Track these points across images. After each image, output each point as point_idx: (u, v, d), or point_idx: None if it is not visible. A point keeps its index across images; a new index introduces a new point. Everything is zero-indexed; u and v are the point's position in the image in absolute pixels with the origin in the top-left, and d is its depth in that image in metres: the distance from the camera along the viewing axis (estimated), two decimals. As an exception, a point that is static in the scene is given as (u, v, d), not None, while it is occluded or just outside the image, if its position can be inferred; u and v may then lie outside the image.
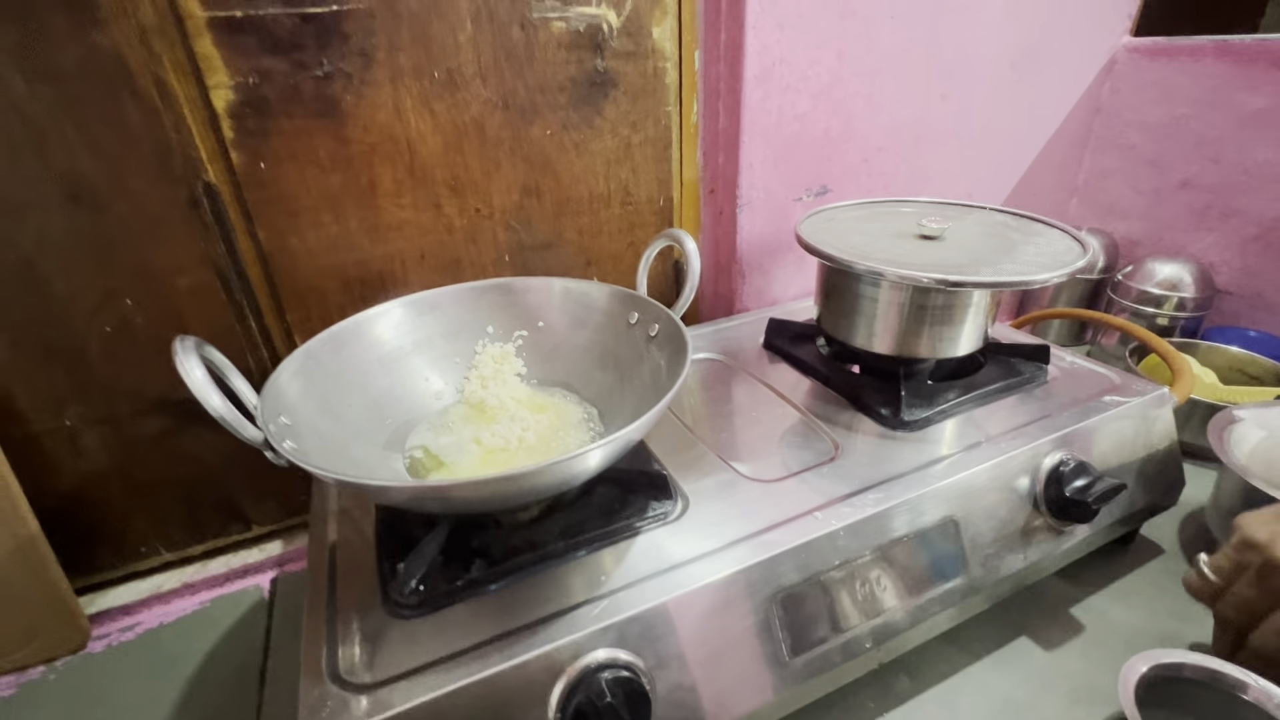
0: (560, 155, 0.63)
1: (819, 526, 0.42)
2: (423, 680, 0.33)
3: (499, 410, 0.49)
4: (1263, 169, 0.77)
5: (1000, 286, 0.49)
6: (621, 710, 0.33)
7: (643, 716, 0.35)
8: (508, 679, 0.34)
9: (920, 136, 0.79)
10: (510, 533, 0.43)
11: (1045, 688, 0.47)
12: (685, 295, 0.50)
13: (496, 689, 0.34)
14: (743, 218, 0.71)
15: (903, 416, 0.52)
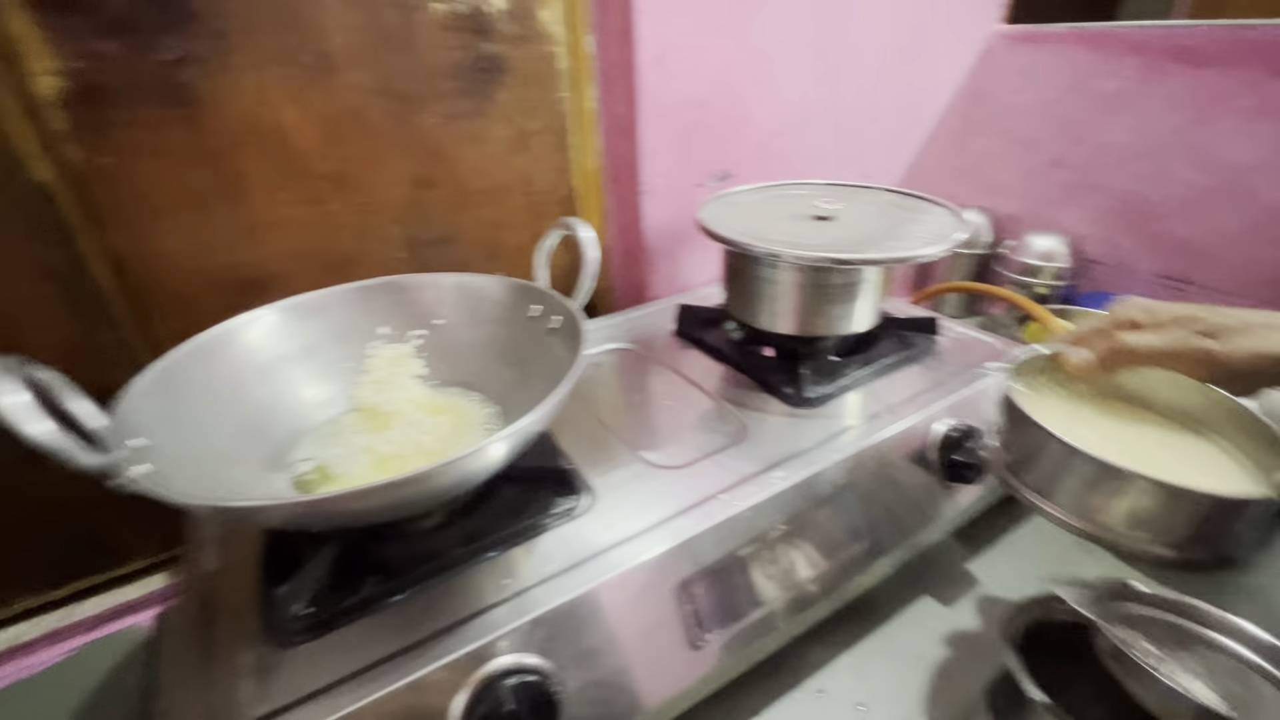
0: (452, 145, 0.60)
1: (725, 509, 0.42)
2: (313, 708, 0.31)
3: (394, 415, 0.47)
4: (1118, 147, 0.84)
5: (888, 263, 0.51)
6: (526, 717, 0.32)
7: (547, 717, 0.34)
8: (404, 698, 0.32)
9: (815, 121, 0.81)
10: (411, 543, 0.41)
11: (947, 642, 0.49)
12: (584, 285, 0.49)
13: (392, 709, 0.32)
14: (646, 205, 0.71)
15: (805, 394, 0.53)
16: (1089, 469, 0.31)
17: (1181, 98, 0.76)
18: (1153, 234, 0.84)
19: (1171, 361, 0.36)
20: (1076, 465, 0.32)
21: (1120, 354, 0.37)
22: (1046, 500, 0.34)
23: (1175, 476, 0.30)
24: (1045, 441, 0.33)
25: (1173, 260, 0.83)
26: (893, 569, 0.51)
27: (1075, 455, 0.32)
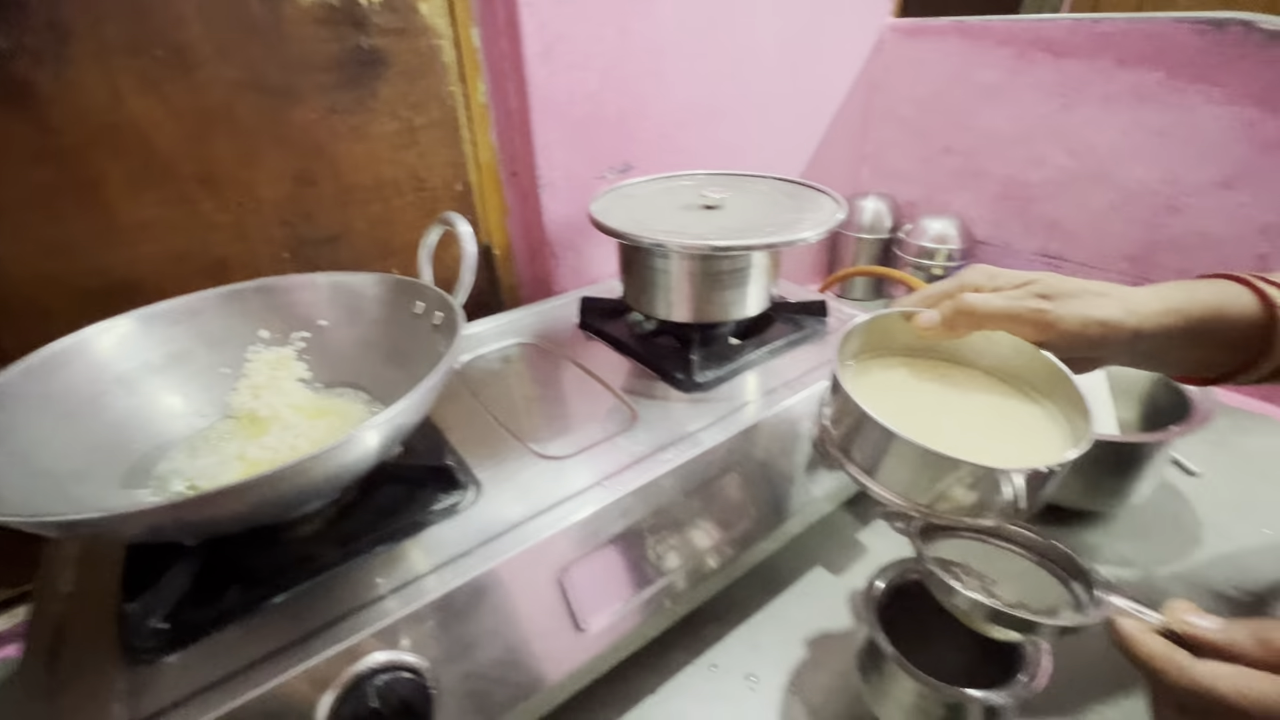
0: (334, 141, 0.58)
1: (608, 494, 0.43)
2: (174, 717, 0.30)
3: (272, 421, 0.46)
4: (999, 134, 0.89)
5: (766, 247, 0.53)
6: (392, 715, 0.32)
7: (420, 713, 0.34)
8: (264, 704, 0.31)
9: (715, 112, 0.82)
10: (283, 549, 0.40)
11: (835, 610, 0.52)
12: (464, 279, 0.48)
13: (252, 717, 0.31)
14: (546, 199, 0.71)
15: (695, 378, 0.54)
16: (906, 450, 0.31)
17: (1048, 87, 0.82)
18: (1031, 215, 0.89)
19: (1009, 323, 0.37)
20: (894, 447, 0.32)
21: (962, 315, 0.37)
22: (871, 479, 0.34)
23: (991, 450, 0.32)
24: (865, 420, 0.33)
25: (1049, 239, 0.89)
26: (784, 542, 0.53)
27: (893, 438, 0.31)
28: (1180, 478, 0.65)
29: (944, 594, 0.32)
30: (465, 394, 0.56)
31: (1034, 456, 0.32)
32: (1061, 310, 0.36)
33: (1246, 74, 0.67)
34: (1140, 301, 0.36)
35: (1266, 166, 0.68)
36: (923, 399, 0.39)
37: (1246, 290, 0.36)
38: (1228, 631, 0.24)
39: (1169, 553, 0.57)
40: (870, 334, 0.41)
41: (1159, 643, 0.25)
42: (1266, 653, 0.23)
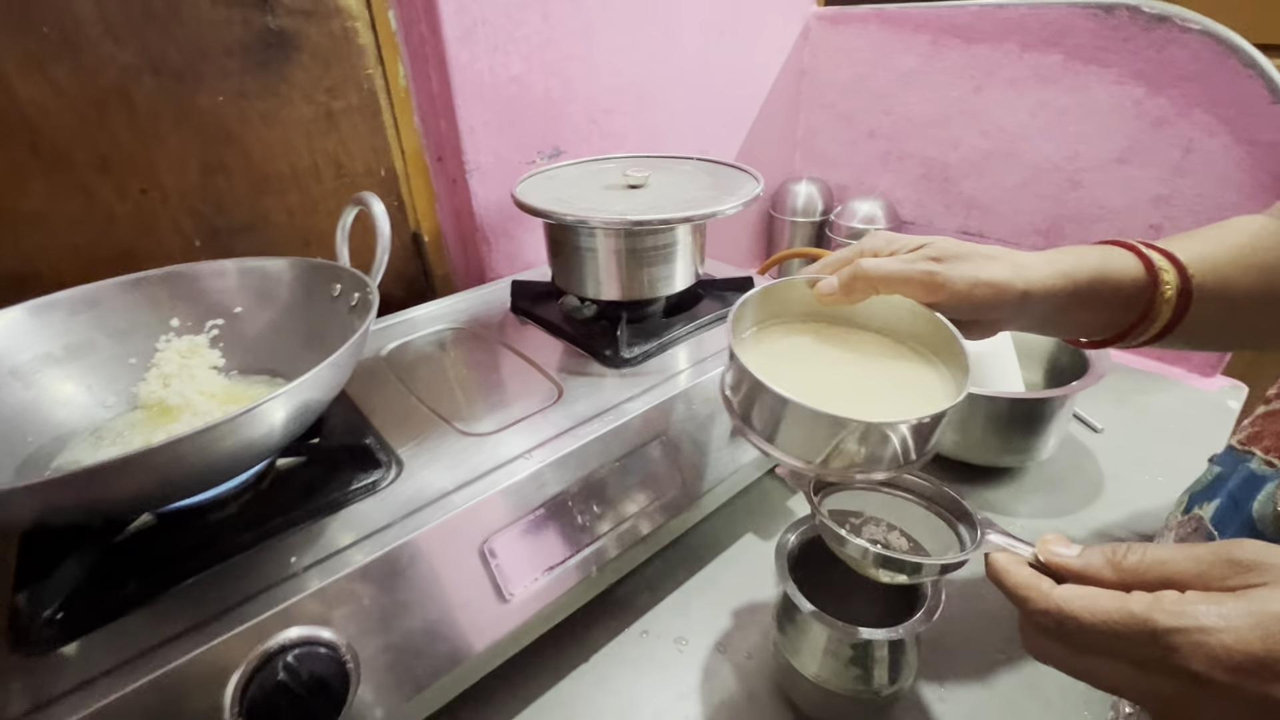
0: (244, 126, 0.57)
1: (529, 465, 0.43)
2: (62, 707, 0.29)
3: (182, 409, 0.44)
4: (918, 117, 0.93)
5: (685, 221, 0.54)
6: (299, 689, 0.32)
7: (335, 689, 0.33)
8: (164, 687, 0.31)
9: (645, 97, 0.83)
10: (192, 534, 0.39)
11: (763, 574, 0.53)
12: (379, 259, 0.48)
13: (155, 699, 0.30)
14: (475, 184, 0.71)
15: (622, 354, 0.55)
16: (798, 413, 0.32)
17: (960, 70, 0.85)
18: (951, 194, 0.93)
19: (902, 285, 0.38)
20: (788, 411, 0.33)
21: (859, 279, 0.38)
22: (770, 444, 0.35)
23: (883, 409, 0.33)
24: (759, 387, 0.33)
25: (968, 217, 0.93)
26: (713, 509, 0.55)
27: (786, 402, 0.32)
28: (1085, 433, 0.69)
29: (836, 543, 0.34)
30: (392, 379, 0.55)
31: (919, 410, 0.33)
32: (951, 272, 0.37)
33: (1133, 55, 0.71)
34: (1029, 265, 0.38)
35: (1154, 142, 0.73)
36: (819, 363, 0.40)
37: (1131, 255, 0.38)
38: (1084, 558, 0.26)
39: (1075, 503, 0.61)
40: (770, 302, 0.42)
41: (1026, 572, 0.27)
42: (1116, 573, 0.25)
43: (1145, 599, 0.23)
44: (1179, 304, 0.37)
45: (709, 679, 0.45)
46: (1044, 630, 0.26)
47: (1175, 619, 0.22)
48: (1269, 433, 0.33)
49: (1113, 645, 0.23)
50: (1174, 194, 0.73)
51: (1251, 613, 0.21)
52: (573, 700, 0.44)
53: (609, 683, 0.45)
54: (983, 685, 0.44)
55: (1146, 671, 0.23)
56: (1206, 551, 0.23)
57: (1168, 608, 0.22)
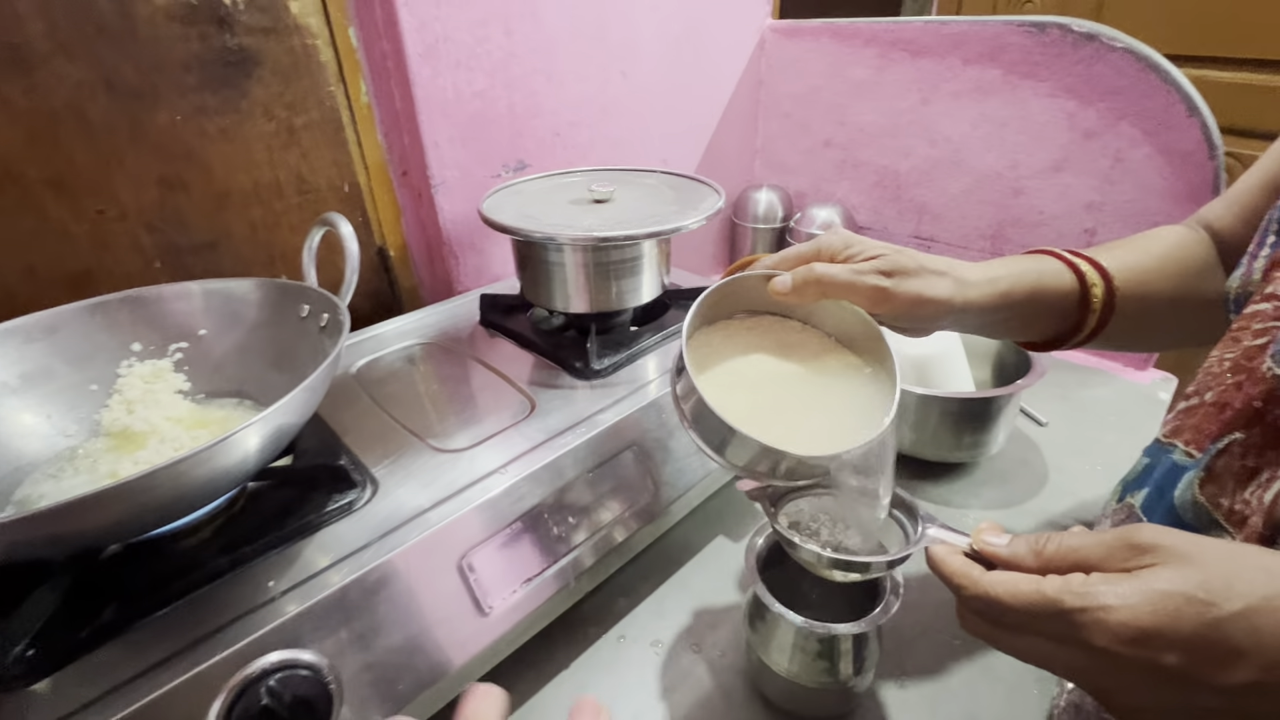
0: (203, 143, 0.56)
1: (505, 480, 0.44)
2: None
3: (149, 435, 0.44)
4: (871, 127, 0.97)
5: (650, 236, 0.56)
6: (283, 712, 0.32)
7: (320, 710, 0.34)
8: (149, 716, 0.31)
9: (607, 110, 0.85)
10: (165, 561, 0.38)
11: (734, 573, 0.55)
12: (348, 279, 0.48)
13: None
14: (441, 198, 0.71)
15: (593, 365, 0.56)
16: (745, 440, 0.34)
17: (908, 83, 0.89)
18: (903, 201, 0.97)
19: (850, 294, 0.39)
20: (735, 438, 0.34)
21: (811, 283, 0.39)
22: (719, 455, 0.36)
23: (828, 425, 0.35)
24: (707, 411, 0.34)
25: (920, 223, 0.97)
26: (685, 514, 0.56)
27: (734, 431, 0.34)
28: (1031, 428, 0.73)
29: (791, 549, 0.36)
30: (363, 397, 0.55)
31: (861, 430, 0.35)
32: (898, 288, 0.39)
33: (1064, 71, 0.76)
34: (970, 282, 0.41)
35: (1085, 152, 0.78)
36: (765, 372, 0.40)
37: (1064, 266, 0.42)
38: (1011, 547, 0.29)
39: (1023, 494, 0.65)
40: (724, 299, 0.42)
41: (959, 561, 0.30)
42: (1038, 561, 0.28)
43: (1056, 582, 0.26)
44: (1103, 311, 0.41)
45: (685, 678, 0.47)
46: (976, 613, 0.29)
47: (1080, 599, 0.24)
48: (1188, 427, 0.36)
49: (1032, 624, 0.26)
50: (1105, 201, 0.78)
51: (1142, 590, 0.24)
52: (553, 707, 0.45)
53: (588, 688, 0.46)
54: (941, 671, 0.47)
55: (1063, 646, 0.25)
56: (1111, 537, 0.26)
57: (1074, 589, 0.25)
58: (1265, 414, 0.32)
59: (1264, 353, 0.32)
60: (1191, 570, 0.24)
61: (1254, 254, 0.37)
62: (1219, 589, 0.23)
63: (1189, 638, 0.23)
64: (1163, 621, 0.23)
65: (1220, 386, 0.35)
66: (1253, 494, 0.32)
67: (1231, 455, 0.33)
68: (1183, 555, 0.24)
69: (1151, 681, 0.24)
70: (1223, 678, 0.23)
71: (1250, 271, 0.37)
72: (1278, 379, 0.31)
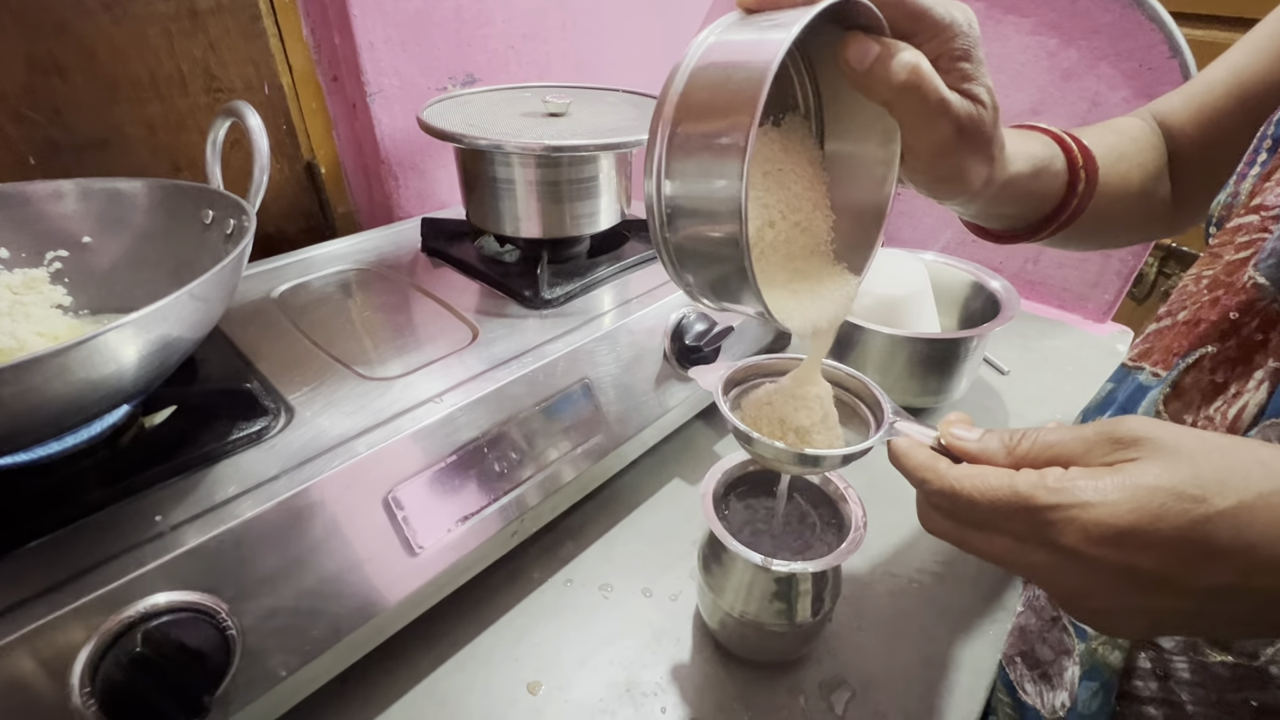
0: (81, 18, 0.47)
1: (439, 410, 0.40)
2: None
3: (14, 352, 0.37)
4: (847, 64, 0.92)
5: (607, 148, 0.51)
6: (165, 662, 0.28)
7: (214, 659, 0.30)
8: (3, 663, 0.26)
9: (568, 25, 0.77)
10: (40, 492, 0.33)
11: (689, 515, 0.52)
12: (256, 179, 0.42)
13: (-21, 686, 0.26)
14: (378, 109, 0.64)
15: (543, 294, 0.52)
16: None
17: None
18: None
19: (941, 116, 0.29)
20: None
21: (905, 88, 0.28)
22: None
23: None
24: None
25: (891, 167, 0.94)
26: (639, 454, 0.53)
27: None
28: (993, 376, 0.72)
29: (745, 442, 0.33)
30: (284, 322, 0.49)
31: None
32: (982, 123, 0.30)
33: (1048, 5, 0.72)
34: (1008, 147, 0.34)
35: (1063, 95, 0.75)
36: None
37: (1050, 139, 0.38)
38: (983, 442, 0.27)
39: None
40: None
41: (924, 453, 0.28)
42: (1010, 458, 0.26)
43: (1030, 477, 0.23)
44: (1083, 197, 0.39)
45: (633, 623, 0.44)
46: (940, 509, 0.27)
47: (1054, 495, 0.22)
48: (1158, 348, 0.35)
49: (997, 521, 0.24)
50: (1079, 147, 0.76)
51: (1124, 485, 0.21)
52: (493, 653, 0.42)
53: (530, 634, 0.43)
54: (898, 614, 0.46)
55: (1029, 545, 0.23)
56: (1091, 431, 0.24)
57: (1049, 484, 0.23)
58: (1241, 326, 0.30)
59: (1247, 265, 0.31)
60: (1181, 464, 0.21)
61: (1242, 174, 0.35)
62: (1210, 484, 0.21)
63: (1169, 537, 0.21)
64: (1143, 520, 0.21)
65: (1196, 305, 0.33)
66: (1217, 410, 0.30)
67: (1201, 370, 0.31)
68: (1171, 448, 0.22)
69: (1122, 584, 0.22)
70: (1197, 579, 0.21)
71: (1237, 192, 0.35)
72: (1259, 288, 0.29)
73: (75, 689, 0.27)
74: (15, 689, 0.27)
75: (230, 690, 0.31)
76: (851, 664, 0.42)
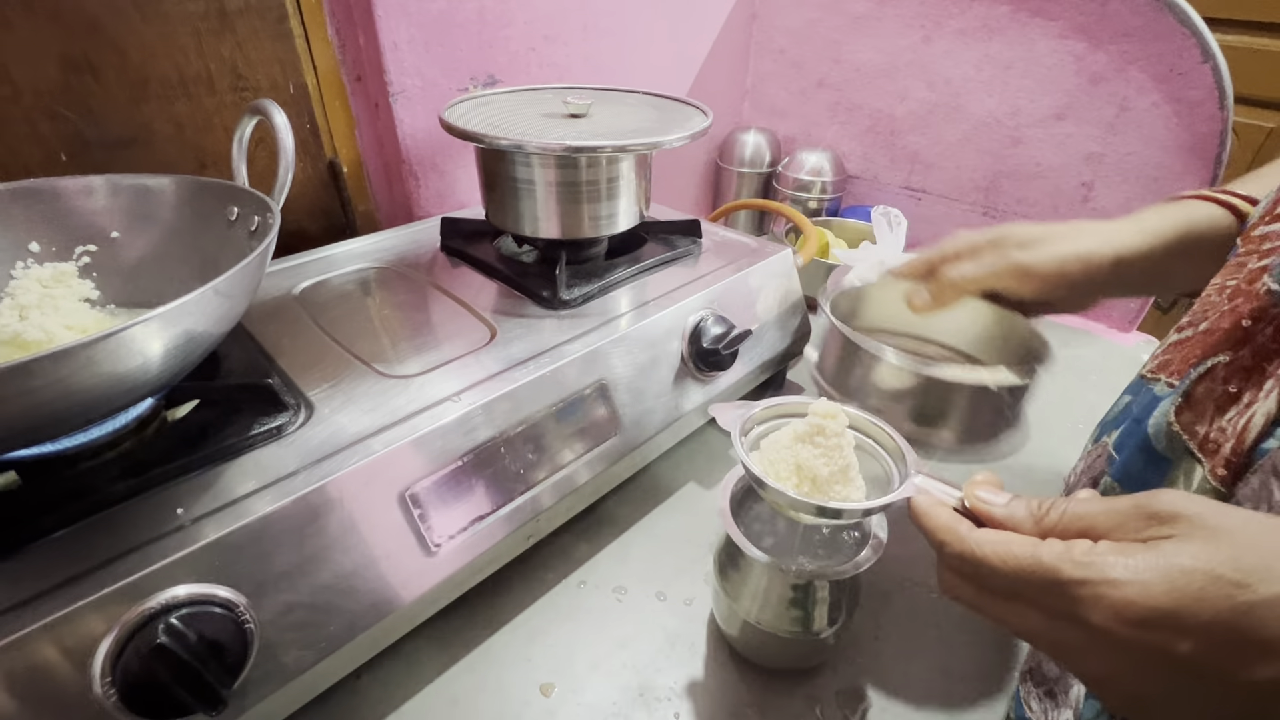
0: (114, 18, 0.48)
1: (455, 409, 0.40)
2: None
3: (43, 345, 0.38)
4: (868, 67, 0.91)
5: (629, 149, 0.51)
6: (185, 654, 0.28)
7: (232, 651, 0.30)
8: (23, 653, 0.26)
9: (589, 27, 0.78)
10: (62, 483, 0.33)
11: (704, 519, 0.52)
12: (281, 176, 0.42)
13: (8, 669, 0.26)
14: (400, 109, 0.64)
15: (561, 295, 0.52)
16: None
17: (911, 18, 0.84)
18: (896, 148, 0.93)
19: (994, 281, 0.38)
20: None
21: (948, 288, 0.40)
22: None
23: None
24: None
25: (912, 172, 0.93)
26: (655, 457, 0.53)
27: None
28: (1014, 384, 0.71)
29: (760, 488, 0.32)
30: (304, 318, 0.50)
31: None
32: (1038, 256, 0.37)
33: (1077, 8, 0.71)
34: (1114, 230, 0.38)
35: (1091, 99, 0.74)
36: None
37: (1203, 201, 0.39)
38: (1009, 508, 0.26)
39: (1004, 448, 0.63)
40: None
41: (945, 515, 0.27)
42: (1037, 527, 0.25)
43: (1057, 548, 0.23)
44: None
45: (647, 627, 0.44)
46: (959, 573, 0.26)
47: (1081, 570, 0.21)
48: (1176, 359, 0.34)
49: (1021, 592, 0.23)
50: (1106, 152, 0.75)
51: (1158, 566, 0.20)
52: (505, 654, 0.42)
53: (544, 635, 0.43)
54: (916, 624, 0.45)
55: (1055, 621, 0.23)
56: (1125, 504, 0.23)
57: (1076, 558, 0.22)
58: (1254, 333, 0.29)
59: (1266, 272, 0.30)
60: (1220, 544, 0.20)
61: None
62: (1254, 568, 0.19)
63: (1209, 623, 0.19)
64: (1180, 602, 0.20)
65: (1216, 314, 0.32)
66: (1229, 421, 0.29)
67: (1214, 379, 0.30)
68: (1211, 527, 0.21)
69: (1157, 669, 0.21)
70: (1247, 672, 0.19)
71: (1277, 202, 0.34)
72: (1272, 294, 0.28)
73: (96, 678, 0.27)
74: (37, 677, 0.27)
75: (246, 685, 0.31)
76: (869, 673, 0.42)
